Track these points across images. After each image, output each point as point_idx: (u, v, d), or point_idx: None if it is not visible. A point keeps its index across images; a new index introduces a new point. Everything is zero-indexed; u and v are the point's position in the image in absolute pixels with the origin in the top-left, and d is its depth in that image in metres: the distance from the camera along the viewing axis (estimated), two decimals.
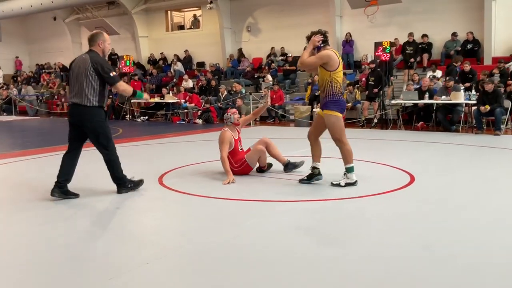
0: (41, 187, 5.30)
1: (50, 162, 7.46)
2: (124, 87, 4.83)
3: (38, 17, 24.00)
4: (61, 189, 4.81)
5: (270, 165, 6.17)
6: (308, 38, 5.16)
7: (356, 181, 5.17)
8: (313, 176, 5.36)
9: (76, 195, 4.86)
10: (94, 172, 6.27)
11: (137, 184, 5.14)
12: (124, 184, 5.01)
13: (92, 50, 4.77)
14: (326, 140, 5.45)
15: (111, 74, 4.66)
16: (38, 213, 4.37)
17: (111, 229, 3.94)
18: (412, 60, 14.28)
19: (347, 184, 5.14)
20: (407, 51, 14.46)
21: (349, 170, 5.17)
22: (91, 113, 4.71)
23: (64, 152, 4.97)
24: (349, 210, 4.38)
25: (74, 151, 4.91)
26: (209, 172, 6.02)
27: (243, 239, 3.54)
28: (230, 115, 6.03)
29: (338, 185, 5.15)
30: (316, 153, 5.39)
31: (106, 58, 4.83)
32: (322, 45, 5.10)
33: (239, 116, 6.15)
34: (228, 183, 5.40)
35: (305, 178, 5.39)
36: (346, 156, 5.17)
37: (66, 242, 3.54)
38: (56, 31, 24.14)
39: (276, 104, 14.46)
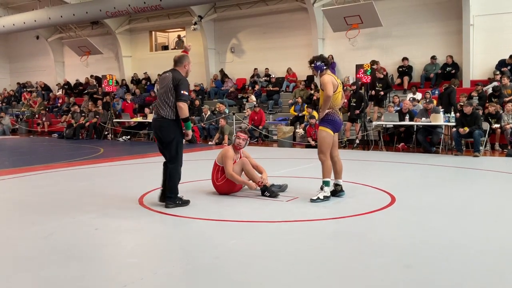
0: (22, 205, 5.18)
1: (24, 183, 7.34)
2: (184, 107, 5.09)
3: (20, 36, 23.85)
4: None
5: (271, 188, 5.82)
6: (310, 62, 5.64)
7: (330, 196, 5.52)
8: (336, 192, 5.67)
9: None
10: (76, 192, 6.19)
11: (184, 202, 5.30)
12: (173, 199, 5.21)
13: (176, 70, 5.23)
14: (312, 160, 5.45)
15: (182, 92, 5.06)
16: (13, 233, 4.27)
17: (88, 250, 3.85)
18: (382, 93, 13.59)
19: (325, 197, 5.44)
20: (376, 88, 13.55)
21: (326, 183, 5.50)
22: (168, 125, 5.13)
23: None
24: (330, 230, 4.37)
25: (166, 162, 5.34)
26: (191, 193, 5.96)
27: (223, 261, 3.49)
28: (234, 136, 6.06)
29: (318, 199, 5.42)
30: (336, 171, 5.69)
31: (188, 77, 5.31)
32: (324, 68, 5.57)
33: (243, 142, 6.00)
34: (260, 182, 5.71)
35: (328, 195, 5.54)
36: (325, 171, 5.50)
37: (40, 263, 3.45)
38: (38, 50, 23.99)
39: (260, 127, 14.53)
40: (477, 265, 3.36)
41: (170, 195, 5.21)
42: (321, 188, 5.50)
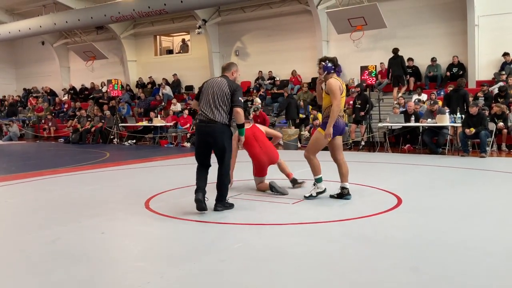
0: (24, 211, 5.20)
1: (33, 187, 7.38)
2: (242, 113, 5.16)
3: (26, 42, 24.00)
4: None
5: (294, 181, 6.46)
6: (321, 60, 5.67)
7: (325, 189, 5.68)
8: (343, 195, 5.67)
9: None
10: (82, 196, 6.21)
11: (230, 205, 5.32)
12: (223, 202, 5.24)
13: (226, 76, 5.31)
14: (325, 158, 5.45)
15: (239, 98, 5.15)
16: (20, 238, 4.28)
17: (95, 254, 3.86)
18: (362, 113, 12.71)
19: (318, 193, 5.64)
20: (356, 105, 12.87)
21: (317, 180, 5.66)
22: (222, 131, 5.12)
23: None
24: (336, 233, 4.35)
25: (204, 166, 5.28)
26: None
27: (229, 264, 3.49)
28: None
29: (311, 196, 5.61)
30: (342, 174, 5.69)
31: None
32: (332, 71, 5.58)
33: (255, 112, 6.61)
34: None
35: (335, 195, 5.69)
36: (314, 169, 5.64)
37: (47, 267, 3.46)
38: (44, 56, 24.13)
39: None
40: (484, 267, 3.34)
41: (221, 198, 5.24)
42: (314, 185, 5.68)
